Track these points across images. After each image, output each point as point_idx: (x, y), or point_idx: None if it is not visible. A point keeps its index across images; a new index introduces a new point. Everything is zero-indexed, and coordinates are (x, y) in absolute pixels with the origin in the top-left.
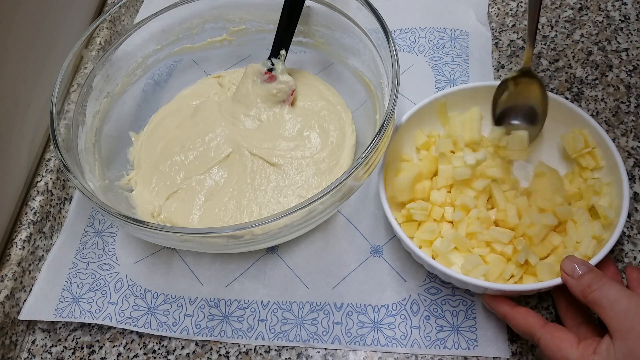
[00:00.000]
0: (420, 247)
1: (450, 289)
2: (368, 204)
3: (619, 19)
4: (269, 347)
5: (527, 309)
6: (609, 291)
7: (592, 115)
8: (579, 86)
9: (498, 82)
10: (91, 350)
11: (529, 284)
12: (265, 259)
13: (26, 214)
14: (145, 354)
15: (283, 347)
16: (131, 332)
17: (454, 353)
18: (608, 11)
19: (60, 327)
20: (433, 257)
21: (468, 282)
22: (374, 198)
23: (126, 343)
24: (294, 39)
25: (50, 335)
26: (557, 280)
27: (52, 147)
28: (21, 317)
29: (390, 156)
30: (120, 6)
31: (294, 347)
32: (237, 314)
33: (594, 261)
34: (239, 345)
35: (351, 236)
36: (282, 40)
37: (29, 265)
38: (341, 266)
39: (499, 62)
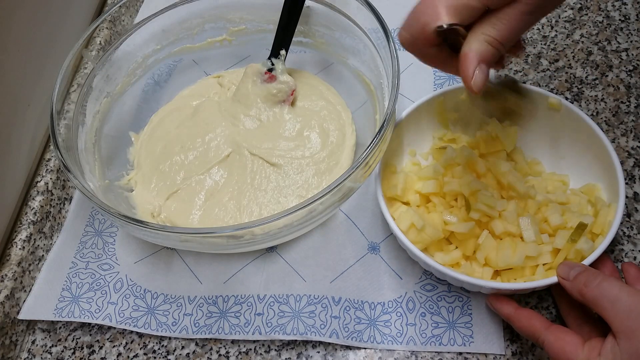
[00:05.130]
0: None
1: (446, 286)
2: (366, 200)
3: (619, 19)
4: (269, 346)
5: (531, 310)
6: (608, 289)
7: (592, 115)
8: (579, 86)
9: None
10: (91, 350)
11: (526, 282)
12: (265, 257)
13: (26, 214)
14: (145, 354)
15: (283, 347)
16: (131, 332)
17: (450, 349)
18: (608, 11)
19: (60, 327)
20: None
21: (463, 280)
22: (372, 195)
23: (126, 343)
24: (294, 39)
25: (50, 335)
26: (552, 279)
27: (52, 147)
28: (20, 316)
29: (387, 155)
30: (120, 6)
31: (294, 346)
32: (235, 309)
33: (589, 260)
34: (239, 345)
35: (349, 232)
36: (282, 40)
37: (29, 265)
38: (339, 261)
39: None
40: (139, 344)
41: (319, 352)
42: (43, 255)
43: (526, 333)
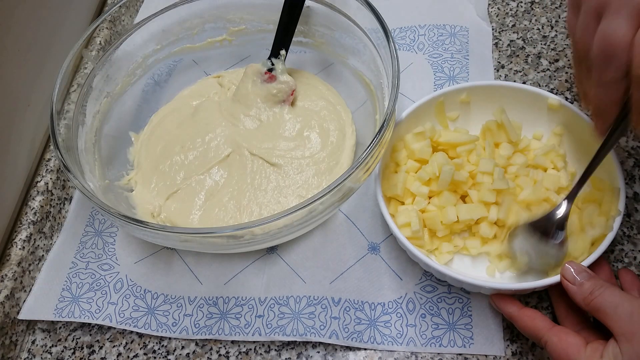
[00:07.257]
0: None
1: (446, 287)
2: (366, 200)
3: None
4: (269, 347)
5: (534, 310)
6: (610, 296)
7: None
8: None
9: (497, 81)
10: (91, 350)
11: (525, 283)
12: (265, 258)
13: (26, 214)
14: (145, 354)
15: (283, 347)
16: (131, 332)
17: (450, 351)
18: None
19: (60, 327)
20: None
21: (463, 280)
22: (372, 195)
23: (126, 343)
24: (294, 39)
25: (50, 335)
26: (553, 279)
27: (52, 147)
28: (20, 316)
29: (387, 155)
30: (120, 6)
31: (294, 346)
32: (235, 311)
33: (588, 261)
34: (239, 345)
35: (349, 232)
36: (282, 40)
37: (29, 265)
38: (339, 262)
39: (499, 62)
40: (139, 344)
41: (319, 352)
42: (43, 255)
43: (528, 333)
